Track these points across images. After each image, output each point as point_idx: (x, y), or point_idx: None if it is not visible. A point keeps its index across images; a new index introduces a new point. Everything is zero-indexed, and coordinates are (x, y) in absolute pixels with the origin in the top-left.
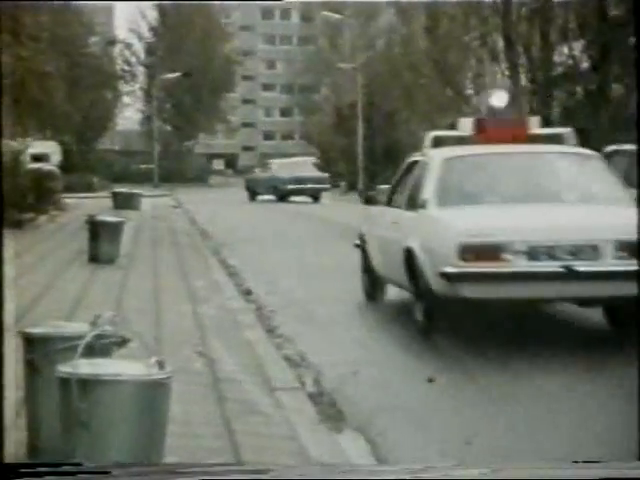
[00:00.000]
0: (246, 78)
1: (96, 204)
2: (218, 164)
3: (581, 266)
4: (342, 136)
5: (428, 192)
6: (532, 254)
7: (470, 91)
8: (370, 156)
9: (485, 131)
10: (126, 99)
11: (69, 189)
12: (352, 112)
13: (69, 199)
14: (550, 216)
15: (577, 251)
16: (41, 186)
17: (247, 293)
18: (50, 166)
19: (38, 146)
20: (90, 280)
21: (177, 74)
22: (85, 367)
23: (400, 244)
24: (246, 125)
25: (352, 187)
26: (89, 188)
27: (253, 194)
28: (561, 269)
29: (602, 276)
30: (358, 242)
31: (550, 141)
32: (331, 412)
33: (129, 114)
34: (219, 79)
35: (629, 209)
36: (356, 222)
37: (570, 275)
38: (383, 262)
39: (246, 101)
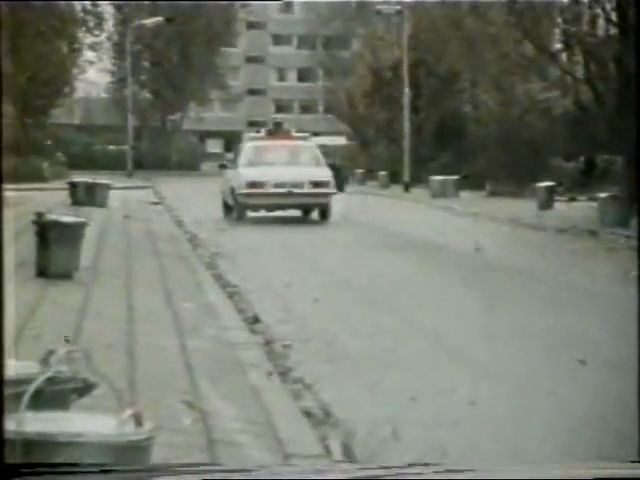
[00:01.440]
0: (252, 26)
1: (47, 198)
2: (214, 145)
3: (295, 190)
4: (382, 108)
5: (240, 161)
6: (276, 185)
7: (559, 45)
8: (420, 135)
9: (272, 134)
10: (89, 54)
11: (9, 177)
12: (395, 75)
13: (9, 192)
14: (288, 170)
15: (294, 184)
16: None
17: (253, 321)
18: None
19: None
20: (39, 302)
21: (158, 19)
22: (33, 423)
23: (229, 185)
24: (252, 92)
25: (395, 177)
26: (37, 176)
27: None
28: (286, 191)
29: (303, 195)
30: (221, 190)
31: (301, 139)
32: None
33: (93, 75)
34: (215, 27)
35: (320, 169)
36: (406, 228)
37: (290, 194)
38: (227, 196)
39: (252, 59)
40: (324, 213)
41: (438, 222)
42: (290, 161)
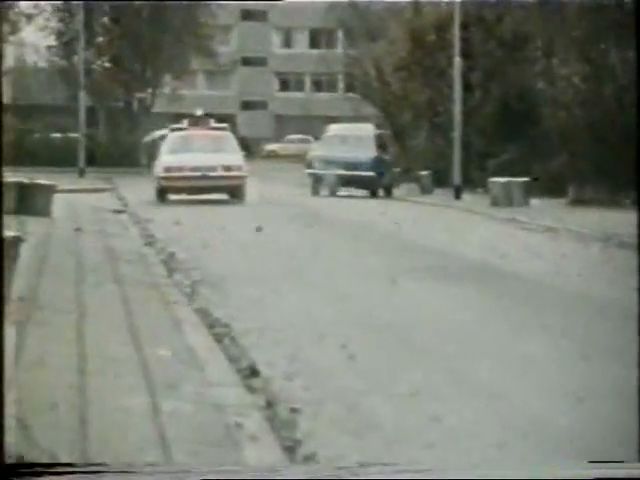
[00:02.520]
0: None
1: None
2: None
3: (210, 173)
4: (423, 84)
5: (163, 149)
6: (193, 170)
7: None
8: (475, 122)
9: (193, 124)
10: (25, 4)
11: None
12: (442, 38)
13: None
14: (204, 157)
15: (209, 169)
16: None
17: (249, 374)
18: None
19: None
20: None
21: None
22: None
23: (156, 171)
24: (248, 62)
25: (441, 178)
26: None
27: (316, 183)
28: (201, 175)
29: (217, 177)
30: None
31: (221, 129)
32: None
33: (31, 36)
34: None
35: (234, 155)
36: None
37: (205, 177)
38: (155, 182)
39: (248, 14)
40: (239, 194)
41: (501, 240)
42: (208, 149)
